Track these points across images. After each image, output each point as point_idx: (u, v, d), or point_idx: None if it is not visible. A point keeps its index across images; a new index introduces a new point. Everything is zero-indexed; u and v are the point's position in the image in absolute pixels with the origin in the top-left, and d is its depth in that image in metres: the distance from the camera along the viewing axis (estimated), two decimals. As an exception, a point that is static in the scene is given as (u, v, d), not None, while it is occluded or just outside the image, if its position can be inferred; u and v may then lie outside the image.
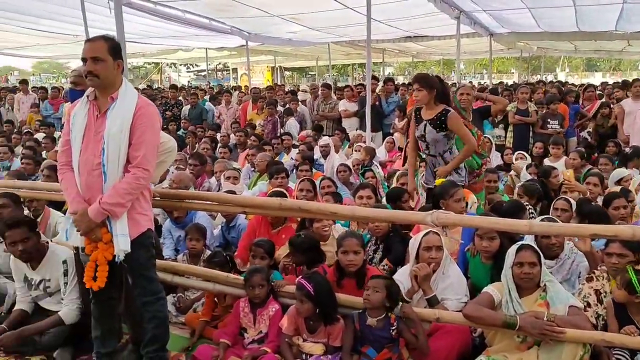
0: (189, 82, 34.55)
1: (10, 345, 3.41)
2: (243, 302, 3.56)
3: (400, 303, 3.23)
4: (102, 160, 2.86)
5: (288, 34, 13.58)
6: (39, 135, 9.19)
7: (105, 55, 2.91)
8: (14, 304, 3.80)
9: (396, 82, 12.42)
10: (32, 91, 12.94)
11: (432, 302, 3.34)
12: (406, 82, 17.11)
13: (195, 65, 36.01)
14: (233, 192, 4.89)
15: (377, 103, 9.02)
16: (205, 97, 14.19)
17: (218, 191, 5.90)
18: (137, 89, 3.20)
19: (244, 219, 4.91)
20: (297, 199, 4.50)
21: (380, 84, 10.02)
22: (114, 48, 2.97)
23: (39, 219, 4.51)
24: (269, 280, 3.56)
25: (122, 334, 3.45)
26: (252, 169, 6.63)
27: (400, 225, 4.10)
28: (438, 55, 24.79)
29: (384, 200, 5.23)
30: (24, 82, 13.46)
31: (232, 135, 9.13)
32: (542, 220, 3.60)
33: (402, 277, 3.53)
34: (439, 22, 11.56)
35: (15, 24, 12.01)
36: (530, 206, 4.64)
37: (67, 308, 3.54)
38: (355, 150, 7.69)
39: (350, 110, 9.46)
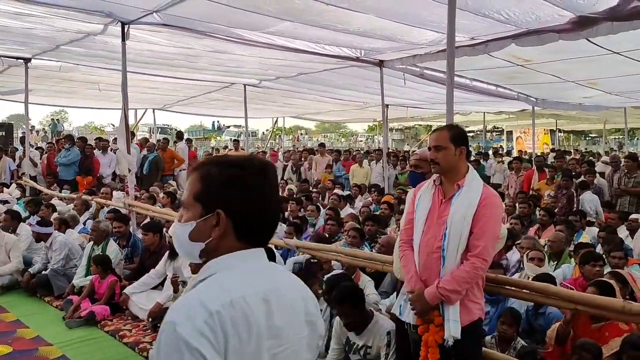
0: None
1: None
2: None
3: None
4: (443, 245, 2.93)
5: (580, 99, 12.69)
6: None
7: (447, 143, 3.03)
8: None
9: None
10: (327, 153, 14.48)
11: None
12: None
13: (465, 127, 36.26)
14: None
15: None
16: (481, 162, 14.07)
17: (517, 270, 5.64)
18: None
19: (553, 306, 4.55)
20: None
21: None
22: (455, 135, 3.08)
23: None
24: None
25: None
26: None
27: None
28: None
29: None
30: (322, 145, 15.17)
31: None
32: None
33: None
34: None
35: (319, 94, 13.74)
36: None
37: (384, 378, 3.69)
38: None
39: (660, 186, 8.28)
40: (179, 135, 14.74)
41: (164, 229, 6.61)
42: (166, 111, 17.30)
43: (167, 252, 5.93)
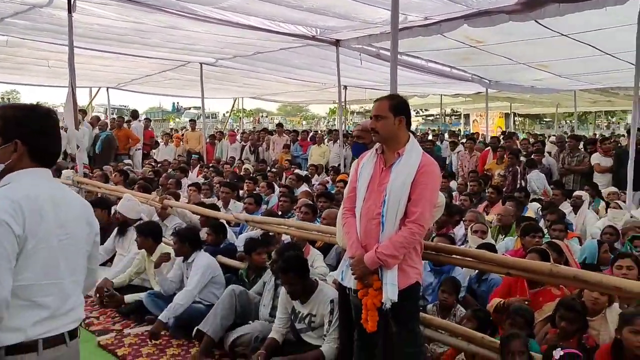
0: (417, 126, 35.26)
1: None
2: (500, 369, 3.37)
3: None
4: (382, 211, 3.01)
5: (531, 82, 13.02)
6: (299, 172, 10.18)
7: (387, 113, 3.11)
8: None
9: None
10: (285, 134, 14.46)
11: None
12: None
13: (425, 110, 36.69)
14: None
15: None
16: (437, 143, 14.31)
17: (463, 243, 5.81)
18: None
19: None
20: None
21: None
22: (395, 105, 3.15)
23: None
24: (528, 348, 3.33)
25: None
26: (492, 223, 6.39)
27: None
28: None
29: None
30: (280, 125, 15.14)
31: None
32: None
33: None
34: None
35: (276, 74, 13.64)
36: None
37: (328, 345, 3.75)
38: (612, 207, 6.94)
39: (604, 165, 8.62)
40: (134, 114, 14.44)
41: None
42: (120, 90, 16.90)
43: (116, 228, 5.86)
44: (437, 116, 31.00)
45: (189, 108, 41.71)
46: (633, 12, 6.27)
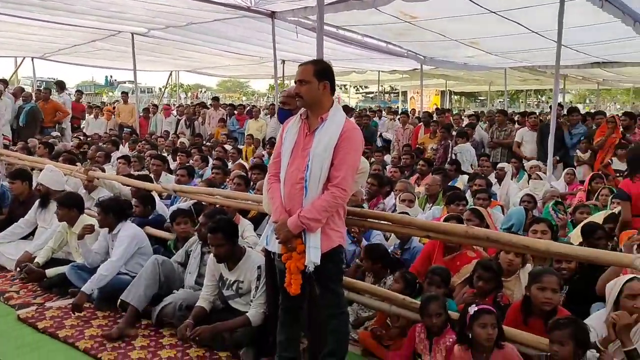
0: (357, 103, 35.55)
1: (205, 339, 3.71)
2: (419, 328, 3.50)
3: (595, 351, 2.95)
4: (305, 176, 3.03)
5: (464, 58, 13.36)
6: (228, 147, 10.08)
7: (310, 78, 3.10)
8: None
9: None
10: (221, 107, 14.23)
11: (632, 357, 2.99)
12: (589, 111, 15.87)
13: (365, 87, 37.00)
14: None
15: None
16: (375, 119, 14.50)
17: (393, 212, 5.94)
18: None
19: (419, 242, 4.88)
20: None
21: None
22: (319, 71, 3.14)
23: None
24: (446, 309, 3.48)
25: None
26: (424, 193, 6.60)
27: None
28: (628, 82, 22.74)
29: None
30: (216, 99, 14.86)
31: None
32: None
33: (596, 323, 3.22)
34: (636, 47, 10.56)
35: (212, 46, 13.35)
36: None
37: (254, 310, 3.77)
38: (533, 179, 7.32)
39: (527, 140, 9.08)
40: (60, 84, 13.67)
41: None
42: (47, 61, 16.05)
43: (38, 200, 5.64)
44: (377, 94, 31.40)
45: (124, 82, 40.28)
46: (556, -10, 6.54)
